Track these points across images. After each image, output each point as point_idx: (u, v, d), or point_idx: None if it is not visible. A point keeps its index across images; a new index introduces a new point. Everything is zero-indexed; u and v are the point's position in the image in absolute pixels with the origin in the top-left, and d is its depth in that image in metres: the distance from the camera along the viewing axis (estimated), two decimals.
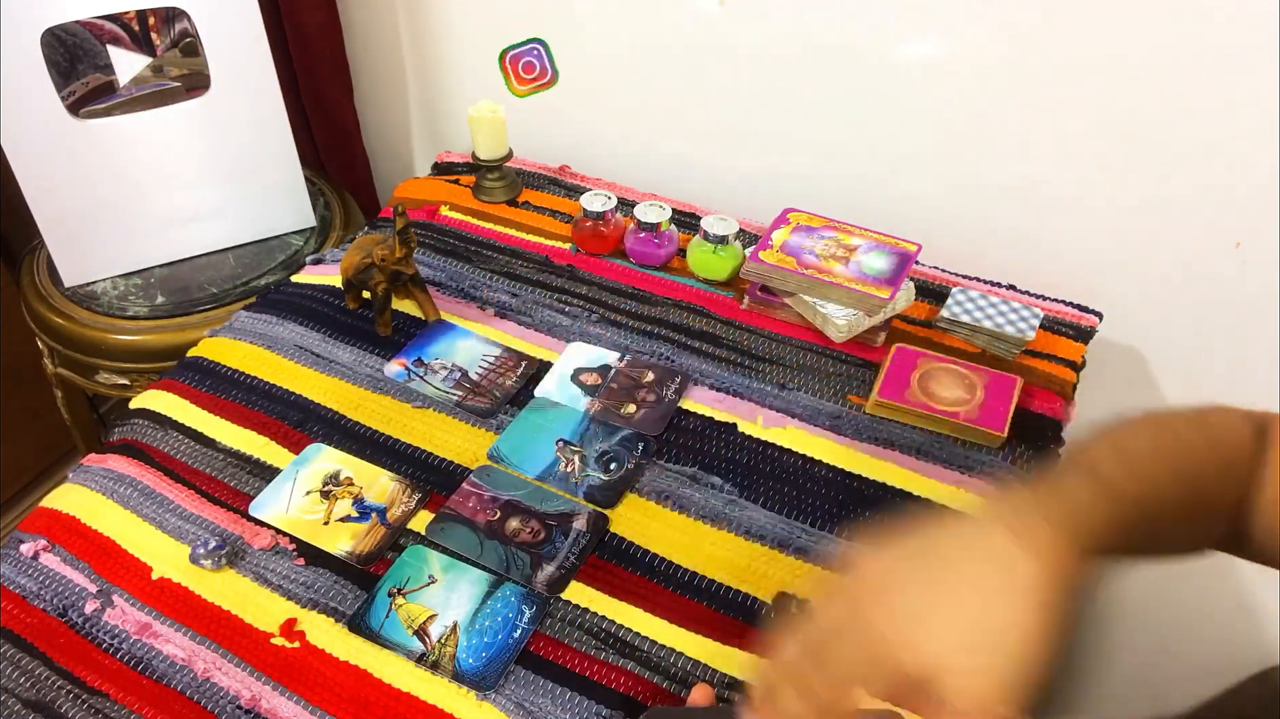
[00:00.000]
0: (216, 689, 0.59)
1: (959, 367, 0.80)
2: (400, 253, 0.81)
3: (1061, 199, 0.93)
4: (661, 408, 0.78)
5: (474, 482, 0.72)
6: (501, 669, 0.59)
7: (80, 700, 0.58)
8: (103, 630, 0.62)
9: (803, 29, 0.95)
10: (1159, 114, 0.84)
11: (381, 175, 1.36)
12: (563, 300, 0.89)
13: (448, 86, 1.22)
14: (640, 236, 0.93)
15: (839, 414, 0.78)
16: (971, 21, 0.87)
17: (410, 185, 1.07)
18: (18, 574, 0.66)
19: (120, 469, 0.73)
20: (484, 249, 0.96)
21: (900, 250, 0.86)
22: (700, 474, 0.73)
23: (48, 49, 0.93)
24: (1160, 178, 0.87)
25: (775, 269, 0.84)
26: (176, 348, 0.98)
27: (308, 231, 1.15)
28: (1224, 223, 0.87)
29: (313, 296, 0.90)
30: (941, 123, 0.94)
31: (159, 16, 1.05)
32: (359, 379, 0.81)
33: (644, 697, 0.58)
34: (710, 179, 1.09)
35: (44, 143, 0.96)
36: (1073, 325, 0.88)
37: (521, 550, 0.67)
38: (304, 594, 0.64)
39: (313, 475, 0.72)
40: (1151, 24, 0.80)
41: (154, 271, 1.09)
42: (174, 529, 0.68)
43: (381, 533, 0.68)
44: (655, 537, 0.68)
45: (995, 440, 0.74)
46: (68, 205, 1.01)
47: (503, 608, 0.63)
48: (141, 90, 1.07)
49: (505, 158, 1.00)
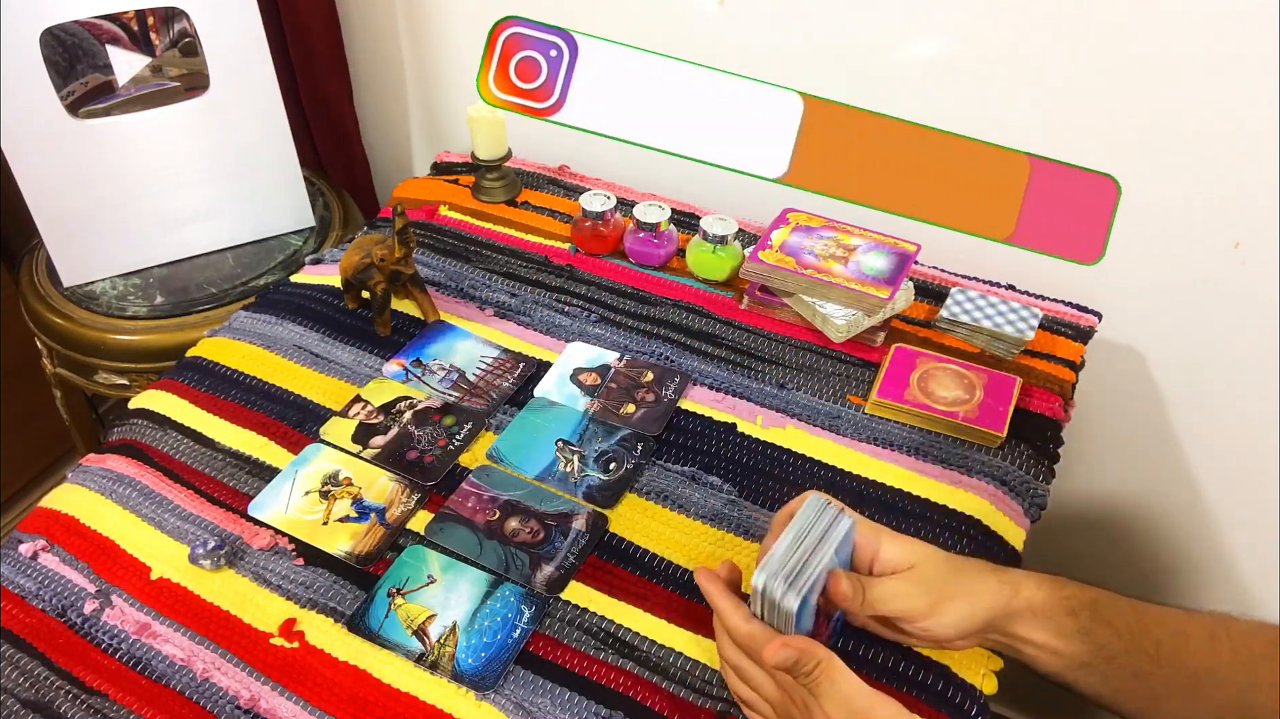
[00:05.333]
0: (215, 689, 0.59)
1: (958, 366, 0.80)
2: (399, 253, 0.81)
3: None
4: (661, 408, 0.78)
5: (473, 482, 0.72)
6: (501, 669, 0.59)
7: (79, 700, 0.58)
8: (102, 630, 0.62)
9: (802, 29, 0.95)
10: (1159, 113, 0.84)
11: (381, 175, 1.36)
12: (562, 300, 0.89)
13: (447, 86, 1.22)
14: (640, 236, 0.93)
15: (838, 414, 0.78)
16: (972, 21, 0.87)
17: (409, 185, 1.07)
18: (17, 574, 0.66)
19: (119, 469, 0.73)
20: (483, 249, 0.96)
21: (899, 250, 0.86)
22: (699, 474, 0.73)
23: (47, 49, 0.93)
24: (1160, 178, 0.87)
25: (774, 269, 0.84)
26: (175, 348, 0.98)
27: (307, 231, 1.15)
28: (1224, 223, 0.87)
29: (312, 297, 0.90)
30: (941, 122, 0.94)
31: (158, 16, 1.05)
32: (358, 379, 0.81)
33: (643, 697, 0.58)
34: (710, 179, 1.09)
35: (43, 143, 0.96)
36: (1072, 325, 0.88)
37: (521, 550, 0.67)
38: (303, 594, 0.64)
39: (312, 475, 0.72)
40: (1151, 24, 0.80)
41: (153, 271, 1.09)
42: (173, 529, 0.68)
43: (380, 533, 0.68)
44: (654, 537, 0.68)
45: (994, 440, 0.74)
46: (67, 205, 1.01)
47: (502, 608, 0.63)
48: (141, 90, 1.07)
49: (504, 158, 1.00)
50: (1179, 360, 0.97)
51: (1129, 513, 1.10)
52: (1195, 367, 0.96)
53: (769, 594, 0.52)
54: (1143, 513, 1.09)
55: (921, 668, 0.59)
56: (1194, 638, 0.55)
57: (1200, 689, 0.54)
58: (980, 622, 0.56)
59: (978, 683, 0.59)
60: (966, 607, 0.55)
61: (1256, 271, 0.87)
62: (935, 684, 0.59)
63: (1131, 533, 1.10)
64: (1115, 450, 1.06)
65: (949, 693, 0.58)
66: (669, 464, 0.74)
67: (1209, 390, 0.97)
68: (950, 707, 0.58)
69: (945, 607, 0.55)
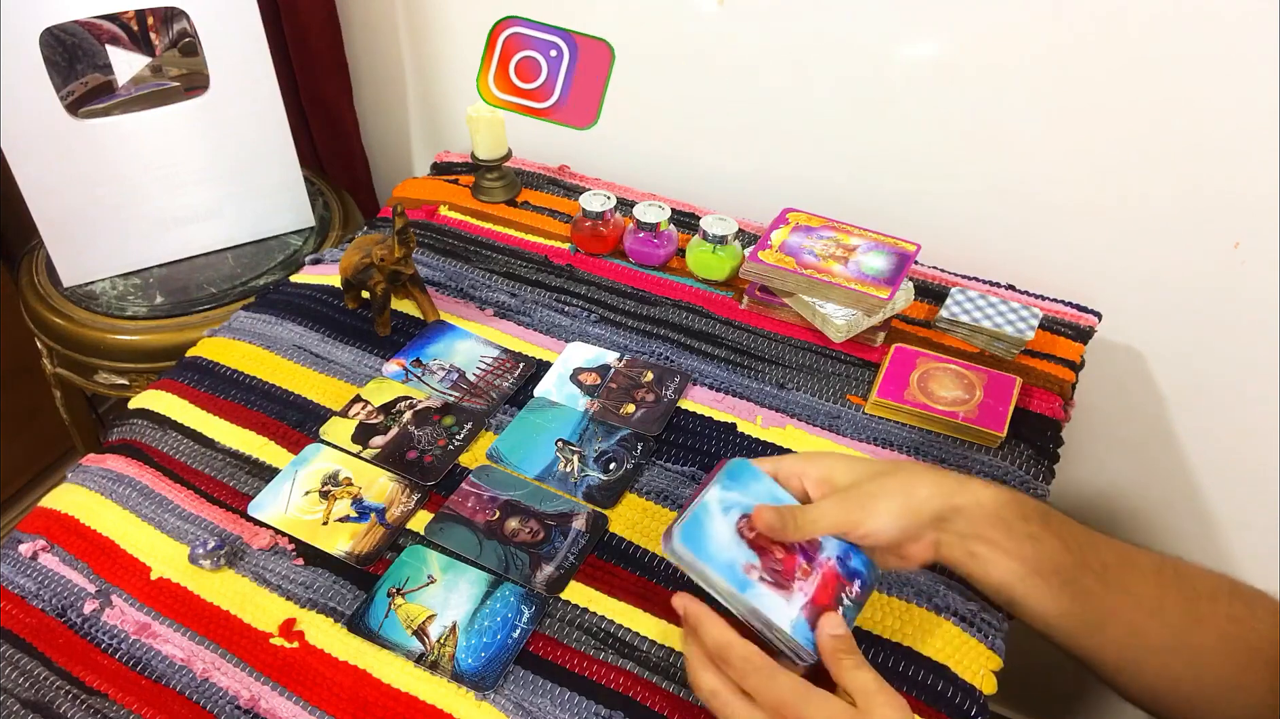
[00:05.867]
0: (215, 689, 0.59)
1: (958, 366, 0.80)
2: (399, 253, 0.81)
3: (1061, 199, 0.93)
4: (660, 408, 0.78)
5: (473, 482, 0.72)
6: (501, 669, 0.59)
7: (79, 701, 0.58)
8: (102, 630, 0.62)
9: (803, 29, 0.95)
10: (1159, 113, 0.84)
11: (380, 175, 1.36)
12: (562, 300, 0.89)
13: (447, 86, 1.22)
14: (639, 236, 0.93)
15: (838, 414, 0.78)
16: (972, 21, 0.87)
17: (409, 185, 1.07)
18: (16, 574, 0.66)
19: (119, 469, 0.73)
20: (483, 249, 0.96)
21: (899, 250, 0.86)
22: (699, 474, 0.73)
23: (47, 49, 0.93)
24: (1160, 178, 0.87)
25: (774, 269, 0.84)
26: (175, 348, 0.98)
27: (307, 231, 1.15)
28: (1223, 223, 0.87)
29: (312, 297, 0.90)
30: (941, 123, 0.94)
31: (158, 16, 1.05)
32: (358, 379, 0.81)
33: (643, 697, 0.58)
34: (710, 179, 1.09)
35: (43, 143, 0.96)
36: (1072, 325, 0.88)
37: (521, 550, 0.67)
38: (303, 594, 0.64)
39: (311, 475, 0.72)
40: (1151, 24, 0.80)
41: (153, 271, 1.09)
42: (173, 529, 0.68)
43: (380, 533, 0.68)
44: (654, 536, 0.68)
45: (994, 440, 0.74)
46: (67, 205, 1.01)
47: (502, 608, 0.63)
48: (140, 90, 1.07)
49: (504, 158, 1.00)
50: (1179, 360, 0.97)
51: (1129, 512, 1.10)
52: (1195, 366, 0.96)
53: (672, 555, 0.52)
54: (1142, 512, 1.09)
55: (921, 668, 0.59)
56: (1142, 568, 0.55)
57: (1144, 621, 0.54)
58: (925, 516, 0.54)
59: (978, 683, 0.59)
60: (899, 502, 0.54)
61: (1256, 271, 0.87)
62: (935, 684, 0.59)
63: (1131, 532, 1.10)
64: (1115, 450, 1.06)
65: (949, 693, 0.58)
66: (669, 464, 0.74)
67: (1208, 390, 0.97)
68: (950, 707, 0.58)
69: (875, 507, 0.54)
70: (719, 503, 0.55)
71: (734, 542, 0.54)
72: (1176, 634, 0.53)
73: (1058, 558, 0.54)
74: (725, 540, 0.53)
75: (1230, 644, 0.52)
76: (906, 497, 0.54)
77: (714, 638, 0.51)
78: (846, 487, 0.56)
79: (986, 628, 0.62)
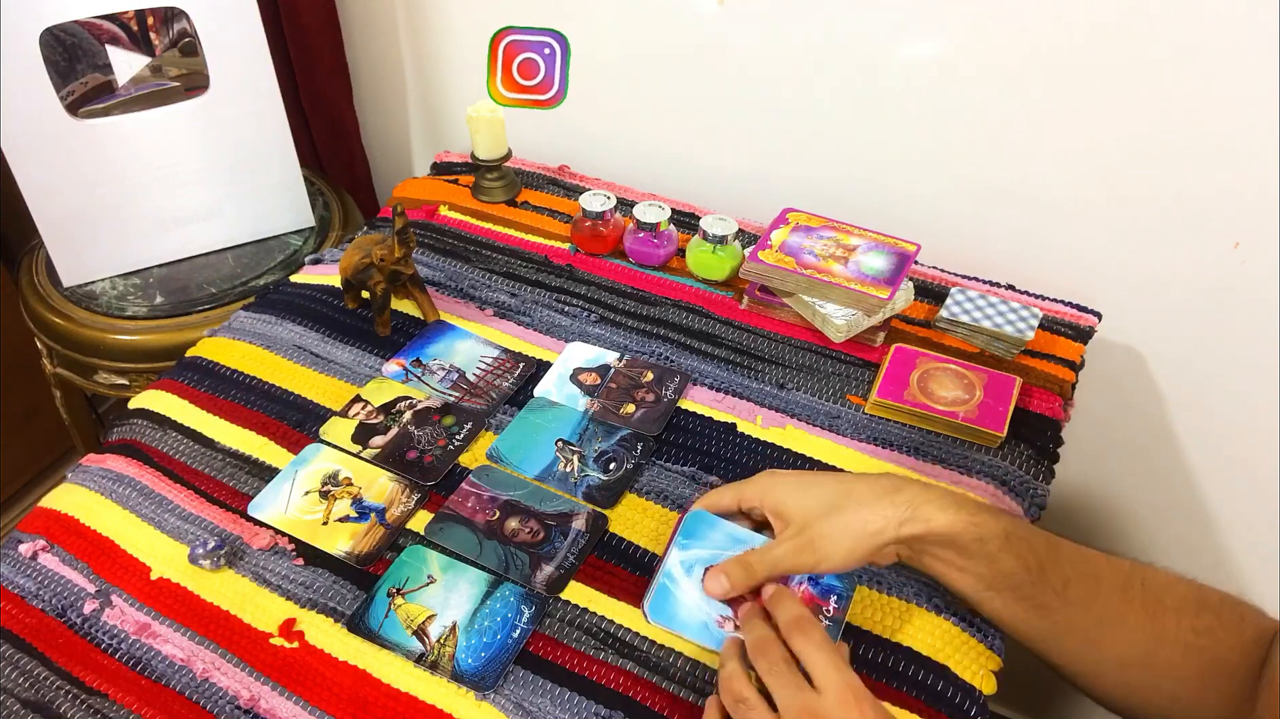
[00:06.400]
0: (215, 689, 0.59)
1: (958, 366, 0.80)
2: (399, 253, 0.81)
3: (1061, 199, 0.93)
4: (660, 408, 0.78)
5: (473, 482, 0.72)
6: (501, 669, 0.59)
7: (79, 701, 0.58)
8: (101, 631, 0.62)
9: (803, 29, 0.95)
10: (1159, 113, 0.84)
11: (380, 175, 1.36)
12: (562, 300, 0.89)
13: (447, 86, 1.22)
14: (639, 236, 0.93)
15: (838, 414, 0.78)
16: (972, 21, 0.87)
17: (409, 185, 1.07)
18: (16, 574, 0.66)
19: (119, 469, 0.73)
20: (483, 249, 0.96)
21: (899, 250, 0.86)
22: (699, 474, 0.73)
23: (47, 49, 0.93)
24: (1160, 178, 0.87)
25: (774, 269, 0.84)
26: (175, 348, 0.98)
27: (306, 231, 1.15)
28: (1223, 223, 0.87)
29: (311, 297, 0.90)
30: (941, 123, 0.94)
31: (158, 16, 1.05)
32: (358, 379, 0.81)
33: (643, 697, 0.58)
34: (710, 179, 1.09)
35: (43, 143, 0.96)
36: (1072, 325, 0.88)
37: (520, 550, 0.67)
38: (303, 594, 0.64)
39: (311, 475, 0.72)
40: (1151, 24, 0.80)
41: (153, 271, 1.09)
42: (173, 529, 0.68)
43: (380, 533, 0.68)
44: (654, 536, 0.68)
45: (994, 440, 0.74)
46: (66, 205, 1.01)
47: (502, 608, 0.63)
48: (140, 90, 1.07)
49: (504, 158, 1.00)
50: (1179, 360, 0.97)
51: (1128, 512, 1.10)
52: (1195, 366, 0.96)
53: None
54: (1142, 512, 1.09)
55: (921, 668, 0.59)
56: (1106, 583, 0.55)
57: (1104, 634, 0.54)
58: (873, 548, 0.57)
59: (978, 683, 0.59)
60: (850, 541, 0.56)
61: (1256, 271, 0.87)
62: (935, 684, 0.59)
63: (1130, 532, 1.10)
64: (1115, 451, 1.06)
65: (949, 693, 0.58)
66: (669, 464, 0.74)
67: (1208, 390, 0.97)
68: (950, 707, 0.58)
69: (828, 549, 0.57)
70: (680, 565, 0.60)
71: (703, 601, 0.59)
72: (1137, 647, 0.54)
73: (1015, 576, 0.55)
74: (694, 603, 0.59)
75: (1193, 657, 0.53)
76: (857, 535, 0.57)
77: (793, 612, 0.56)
78: (800, 525, 0.58)
79: (986, 628, 0.62)
